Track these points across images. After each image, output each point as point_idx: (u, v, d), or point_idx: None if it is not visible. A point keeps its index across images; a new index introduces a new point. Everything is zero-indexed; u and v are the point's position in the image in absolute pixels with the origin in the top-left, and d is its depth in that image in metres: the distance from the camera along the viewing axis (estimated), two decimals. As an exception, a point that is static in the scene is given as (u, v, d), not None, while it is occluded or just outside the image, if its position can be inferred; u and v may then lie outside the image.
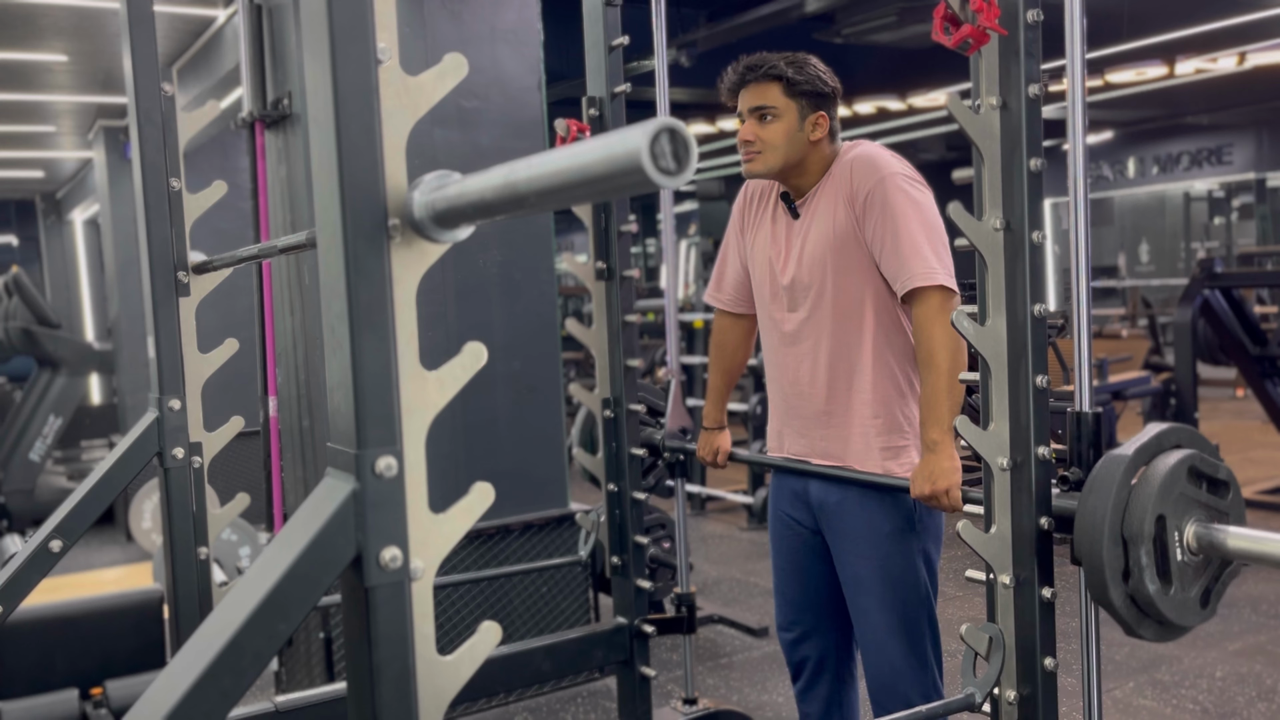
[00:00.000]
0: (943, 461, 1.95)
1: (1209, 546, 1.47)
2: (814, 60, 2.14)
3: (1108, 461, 1.49)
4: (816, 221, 2.14)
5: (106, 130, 7.11)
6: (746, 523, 6.06)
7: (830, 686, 2.33)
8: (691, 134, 0.70)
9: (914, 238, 2.02)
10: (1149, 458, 1.49)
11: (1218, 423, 8.38)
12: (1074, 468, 1.57)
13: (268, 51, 3.62)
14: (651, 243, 19.11)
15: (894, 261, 2.04)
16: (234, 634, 0.93)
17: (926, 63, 8.55)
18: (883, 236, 2.04)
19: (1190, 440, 1.54)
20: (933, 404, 1.99)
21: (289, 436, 3.69)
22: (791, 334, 2.20)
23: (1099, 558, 1.45)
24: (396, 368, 0.97)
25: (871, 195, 2.05)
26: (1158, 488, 1.44)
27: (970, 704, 1.61)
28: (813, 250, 2.14)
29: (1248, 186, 14.67)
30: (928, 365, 2.01)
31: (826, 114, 2.13)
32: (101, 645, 3.12)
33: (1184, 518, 1.48)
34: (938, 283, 2.00)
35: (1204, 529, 1.48)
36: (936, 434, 1.97)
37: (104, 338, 9.45)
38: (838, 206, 2.11)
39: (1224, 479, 1.53)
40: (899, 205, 2.03)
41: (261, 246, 1.86)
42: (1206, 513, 1.50)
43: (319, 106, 0.96)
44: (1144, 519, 1.44)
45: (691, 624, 2.56)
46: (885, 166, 2.07)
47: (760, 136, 2.11)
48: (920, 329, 2.02)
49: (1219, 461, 1.53)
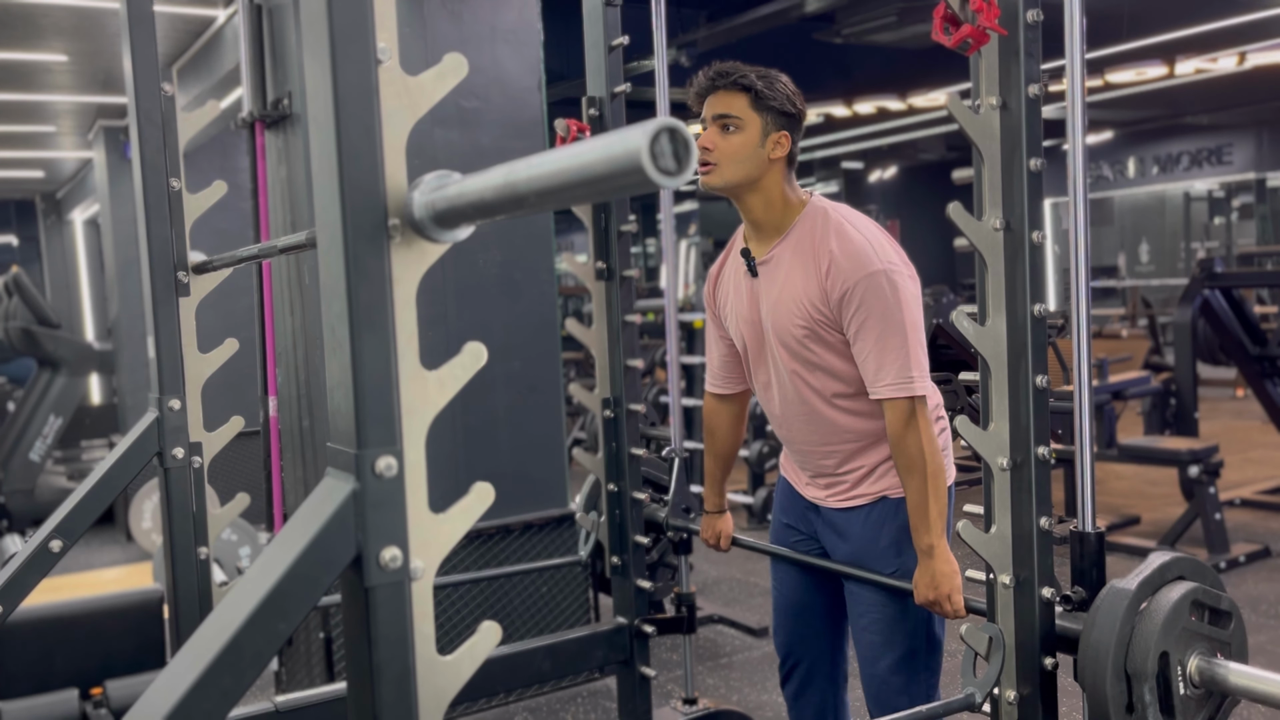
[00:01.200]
0: (941, 566, 1.94)
1: (1210, 682, 1.50)
2: (785, 79, 2.07)
3: (1111, 595, 1.51)
4: (785, 289, 2.06)
5: (106, 130, 7.11)
6: (746, 523, 6.06)
7: (824, 692, 2.33)
8: (691, 134, 0.70)
9: (892, 343, 1.95)
10: (1152, 591, 1.51)
11: (1218, 423, 8.38)
12: (1077, 587, 1.59)
13: (268, 51, 3.62)
14: (651, 243, 19.11)
15: (870, 364, 1.98)
16: (234, 634, 0.93)
17: (926, 63, 8.55)
18: (861, 335, 1.97)
19: (1193, 571, 1.56)
20: (920, 511, 1.96)
21: (289, 436, 3.69)
22: (778, 393, 2.16)
23: (1103, 692, 1.47)
24: (396, 368, 0.97)
25: (853, 291, 1.96)
26: (1161, 624, 1.47)
27: (970, 704, 1.61)
28: (780, 316, 2.07)
29: (1248, 186, 14.66)
30: (908, 473, 1.98)
31: (789, 135, 2.05)
32: (101, 645, 3.12)
33: (1187, 652, 1.50)
34: (907, 395, 1.95)
35: (1206, 664, 1.50)
36: (930, 539, 1.95)
37: (104, 338, 9.45)
38: (809, 281, 2.01)
39: (1226, 610, 1.55)
40: (881, 309, 1.94)
41: (261, 246, 1.86)
42: (1209, 645, 1.53)
43: (319, 106, 0.96)
44: (1147, 656, 1.46)
45: (691, 624, 2.56)
46: (870, 263, 1.95)
47: (719, 147, 2.02)
48: (894, 438, 1.98)
49: (1221, 592, 1.56)
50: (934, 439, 1.98)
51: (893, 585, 2.06)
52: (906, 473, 1.99)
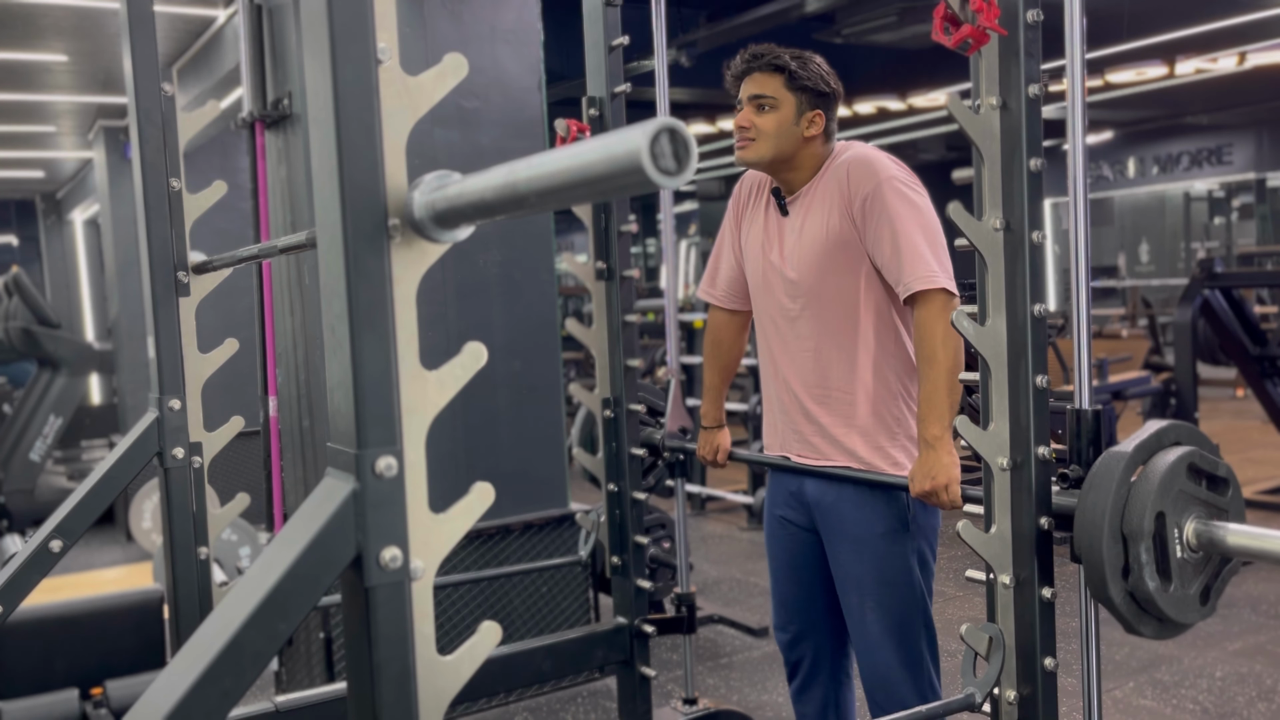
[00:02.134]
0: (942, 457, 1.96)
1: (1208, 543, 1.47)
2: (820, 60, 2.15)
3: (1107, 458, 1.49)
4: (809, 222, 2.14)
5: (106, 130, 7.11)
6: (746, 523, 6.06)
7: (826, 687, 2.34)
8: (691, 134, 0.70)
9: (913, 241, 2.02)
10: (1148, 455, 1.49)
11: (1218, 423, 8.38)
12: (1074, 465, 1.57)
13: (268, 51, 3.62)
14: (651, 243, 19.11)
15: (894, 265, 2.04)
16: (234, 634, 0.93)
17: (926, 63, 8.55)
18: (882, 241, 2.05)
19: (1190, 437, 1.54)
20: (933, 400, 1.99)
21: (289, 436, 3.69)
22: (785, 331, 2.20)
23: (1099, 555, 1.45)
24: (396, 368, 0.97)
25: (869, 200, 2.05)
26: (1157, 485, 1.44)
27: (970, 704, 1.61)
28: (806, 250, 2.14)
29: (1248, 186, 14.67)
30: (929, 362, 2.01)
31: (824, 113, 2.13)
32: (101, 645, 3.12)
33: (1184, 515, 1.47)
34: (939, 285, 2.00)
35: (1204, 526, 1.48)
36: (937, 430, 1.97)
37: (104, 338, 9.45)
38: (832, 209, 2.11)
39: (1223, 476, 1.53)
40: (897, 209, 2.03)
41: (261, 246, 1.86)
42: (1206, 510, 1.50)
43: (319, 106, 0.96)
44: (1144, 516, 1.44)
45: (691, 624, 2.56)
46: (882, 170, 2.06)
47: (756, 124, 2.12)
48: (922, 329, 2.02)
49: (1218, 459, 1.53)
50: (959, 338, 2.00)
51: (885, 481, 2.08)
52: (927, 362, 2.01)
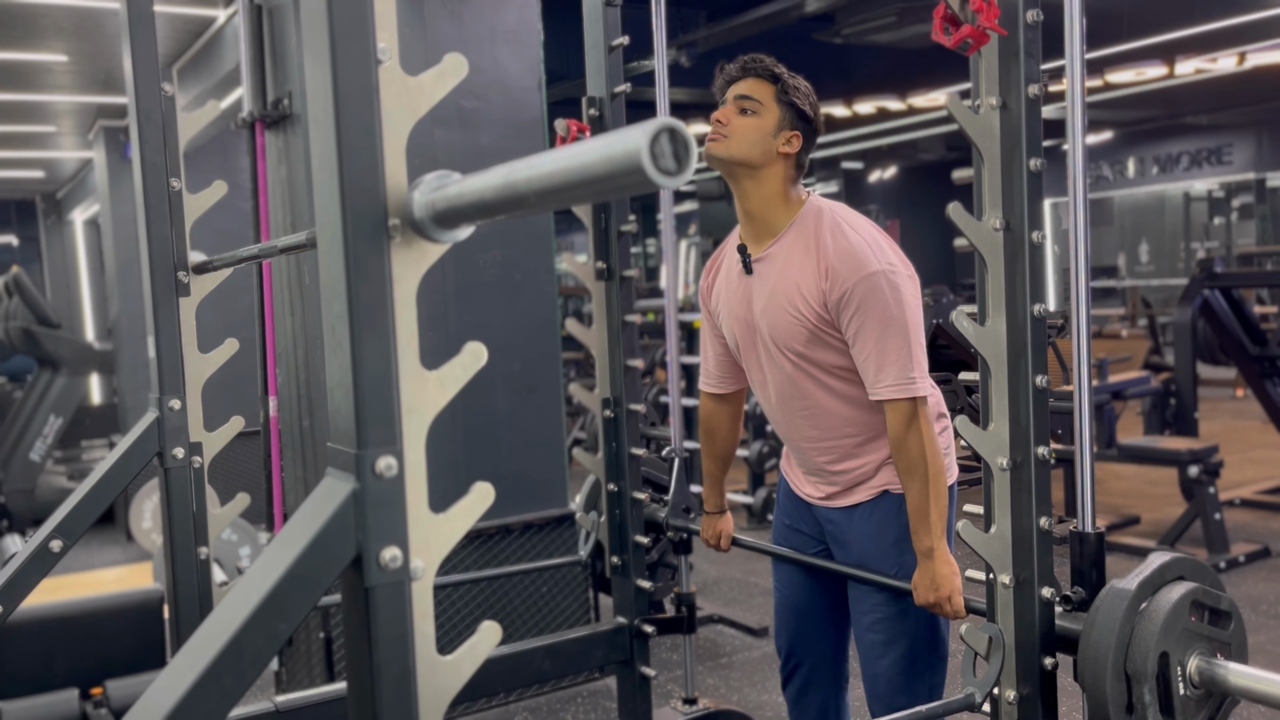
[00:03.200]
0: (941, 568, 1.94)
1: (1210, 682, 1.49)
2: (810, 88, 2.10)
3: (1111, 595, 1.51)
4: (779, 284, 2.05)
5: (106, 130, 7.11)
6: (746, 523, 6.06)
7: (826, 692, 2.33)
8: (691, 134, 0.70)
9: (893, 344, 1.94)
10: (1152, 591, 1.51)
11: (1218, 423, 8.38)
12: (1077, 588, 1.59)
13: (268, 51, 3.62)
14: (651, 243, 19.10)
15: (869, 366, 1.97)
16: (234, 634, 0.93)
17: (926, 63, 8.55)
18: (860, 337, 1.97)
19: (1193, 572, 1.56)
20: (920, 513, 1.96)
21: (289, 436, 3.69)
22: (777, 390, 2.15)
23: (1103, 692, 1.47)
24: (396, 368, 0.97)
25: (852, 293, 1.95)
26: (1160, 625, 1.47)
27: (970, 704, 1.61)
28: (774, 314, 2.06)
29: (1248, 186, 14.67)
30: (909, 475, 1.98)
31: (801, 137, 2.07)
32: (101, 645, 3.12)
33: (1187, 652, 1.50)
34: (907, 396, 1.95)
35: (1206, 665, 1.50)
36: (930, 541, 1.95)
37: (104, 338, 9.45)
38: (806, 282, 2.01)
39: (1226, 609, 1.55)
40: (881, 310, 1.94)
41: (261, 246, 1.86)
42: (1209, 645, 1.52)
43: (319, 106, 0.96)
44: (1147, 657, 1.46)
45: (691, 624, 2.55)
46: (868, 264, 1.95)
47: (734, 122, 2.05)
48: (895, 440, 1.98)
49: (1221, 593, 1.56)
50: (935, 440, 1.98)
51: (895, 585, 2.05)
52: (907, 475, 1.98)
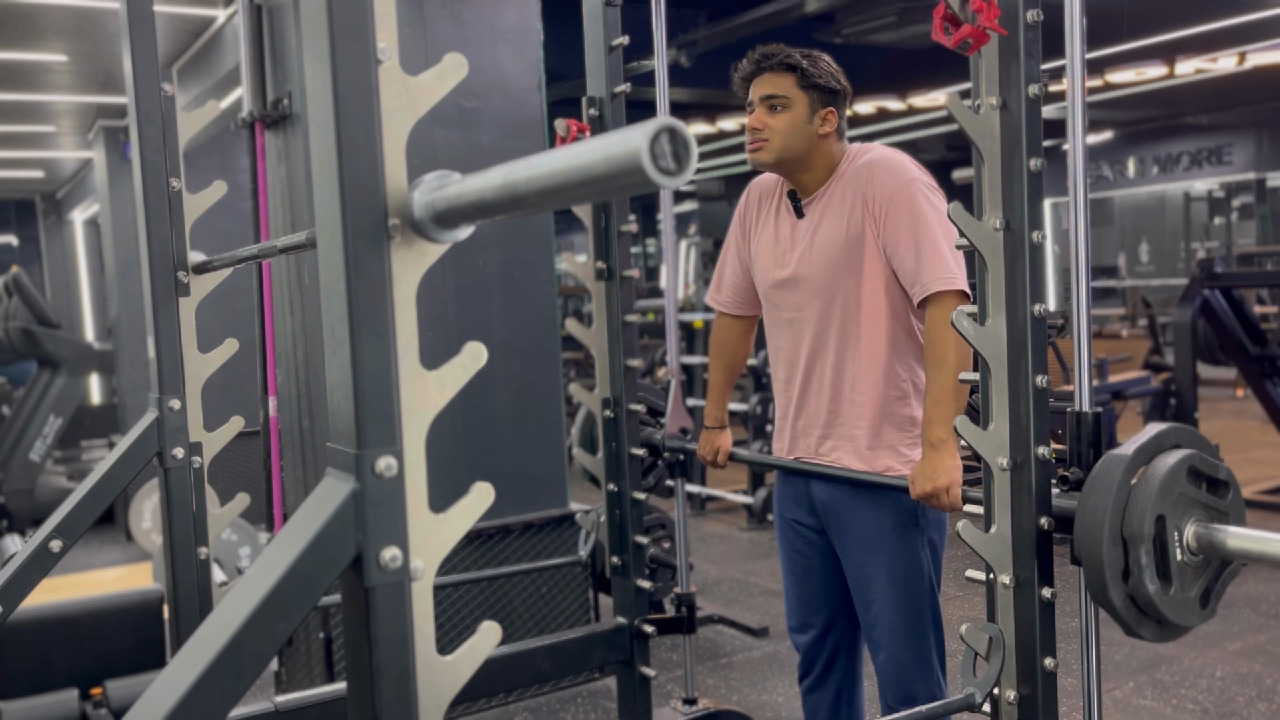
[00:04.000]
0: (944, 459, 1.96)
1: (1209, 546, 1.47)
2: (828, 58, 2.14)
3: (1107, 461, 1.49)
4: (826, 221, 2.13)
5: (106, 130, 7.11)
6: (746, 523, 6.06)
7: (840, 685, 2.34)
8: (691, 134, 0.70)
9: (935, 243, 2.02)
10: (1149, 457, 1.49)
11: (1218, 423, 8.38)
12: (1074, 468, 1.57)
13: (268, 51, 3.62)
14: (651, 243, 19.11)
15: (913, 265, 2.04)
16: (234, 634, 0.93)
17: (926, 63, 8.55)
18: (902, 239, 2.04)
19: (1190, 440, 1.54)
20: (941, 402, 1.99)
21: (289, 436, 3.69)
22: (799, 334, 2.20)
23: (1099, 558, 1.45)
24: (396, 368, 0.97)
25: (894, 198, 2.05)
26: (1157, 488, 1.44)
27: (970, 704, 1.61)
28: (822, 250, 2.13)
29: (1248, 186, 14.66)
30: (939, 364, 2.00)
31: (835, 111, 2.13)
32: (101, 645, 3.12)
33: (1184, 518, 1.47)
34: (957, 288, 2.01)
35: (1204, 529, 1.48)
36: (942, 432, 1.97)
37: (104, 338, 9.45)
38: (852, 208, 2.10)
39: (1224, 479, 1.53)
40: (922, 210, 2.03)
41: (261, 246, 1.86)
42: (1206, 512, 1.50)
43: (319, 106, 0.96)
44: (1144, 519, 1.43)
45: (691, 624, 2.56)
46: (908, 172, 2.07)
47: (769, 124, 2.10)
48: (936, 330, 2.01)
49: (1219, 461, 1.53)
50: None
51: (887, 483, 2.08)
52: (937, 364, 2.01)
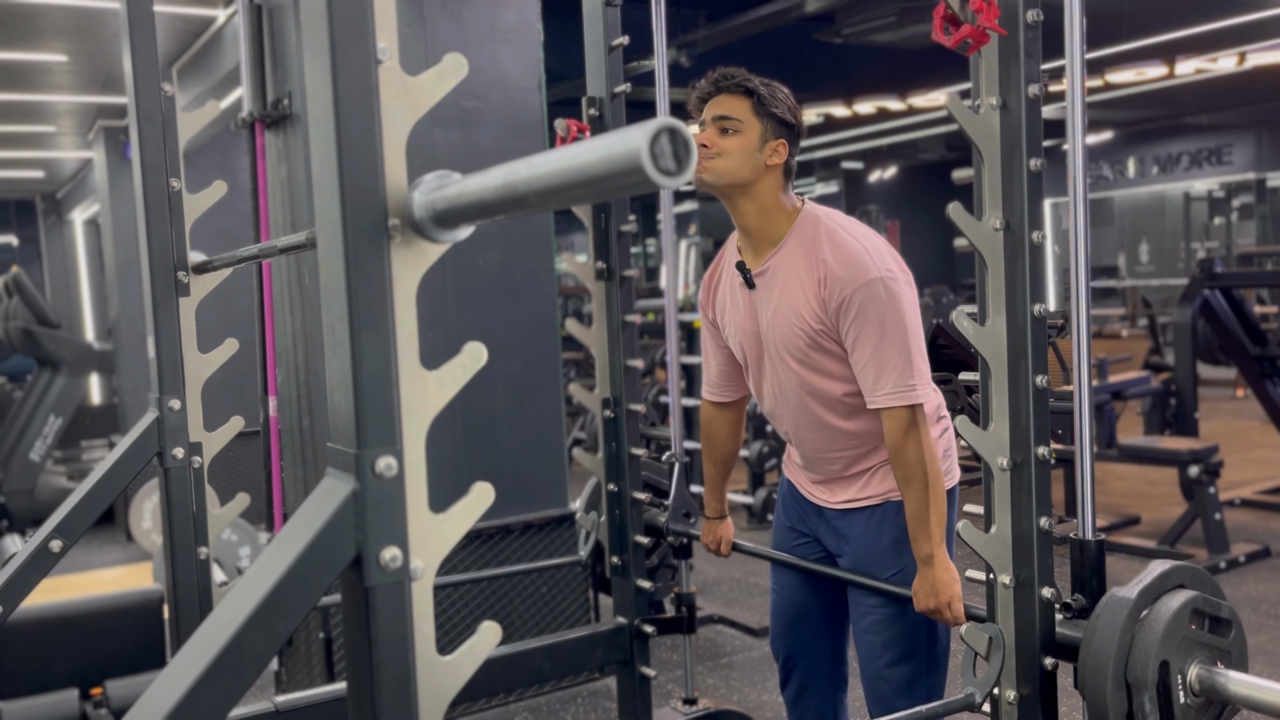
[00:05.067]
0: (940, 574, 1.94)
1: (1211, 690, 1.50)
2: (786, 91, 2.08)
3: (1111, 604, 1.51)
4: (783, 297, 2.05)
5: (106, 130, 7.11)
6: (746, 523, 6.06)
7: (824, 694, 2.33)
8: (691, 134, 0.70)
9: (890, 351, 1.94)
10: (1152, 600, 1.51)
11: (1218, 423, 8.38)
12: (1077, 595, 1.60)
13: (268, 51, 3.62)
14: (651, 243, 19.10)
15: (868, 373, 1.97)
16: (234, 634, 0.93)
17: (926, 63, 8.55)
18: (858, 346, 1.97)
19: (1193, 580, 1.56)
20: (919, 520, 1.96)
21: (289, 436, 3.69)
22: (784, 400, 2.16)
23: (1103, 702, 1.48)
24: (396, 368, 0.97)
25: (850, 300, 1.95)
26: (1161, 634, 1.47)
27: (970, 704, 1.61)
28: (783, 328, 2.06)
29: (1248, 186, 14.67)
30: (907, 483, 1.97)
31: (787, 144, 2.05)
32: (101, 645, 3.12)
33: (1187, 660, 1.50)
34: (907, 404, 1.95)
35: (1207, 673, 1.50)
36: (929, 548, 1.95)
37: (104, 338, 9.45)
38: (806, 291, 2.01)
39: (1226, 618, 1.55)
40: (879, 317, 1.94)
41: (261, 246, 1.86)
42: (1209, 653, 1.53)
43: (319, 106, 0.96)
44: (1148, 665, 1.46)
45: (691, 624, 2.55)
46: (867, 270, 1.94)
47: (718, 144, 2.02)
48: (893, 447, 1.98)
49: (1221, 600, 1.56)
50: (933, 447, 1.98)
51: (894, 591, 2.05)
52: (905, 482, 1.98)
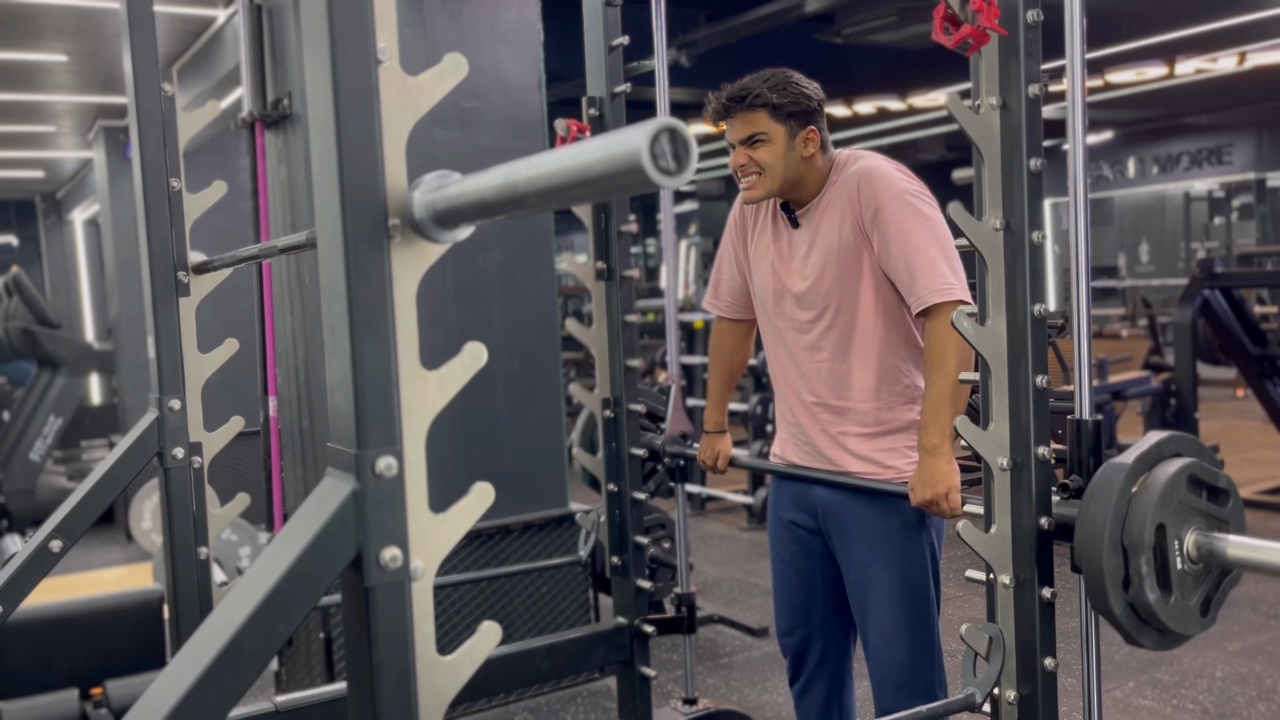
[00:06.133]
0: (941, 465, 1.96)
1: (1209, 555, 1.48)
2: (794, 76, 2.12)
3: (1107, 470, 1.49)
4: (821, 234, 2.13)
5: (106, 130, 7.11)
6: (746, 523, 6.06)
7: (830, 688, 2.34)
8: (691, 134, 0.70)
9: (928, 254, 2.01)
10: (1149, 466, 1.50)
11: (1218, 423, 8.38)
12: (1074, 475, 1.58)
13: (268, 51, 3.61)
14: (651, 243, 19.11)
15: (908, 279, 2.03)
16: (234, 634, 0.93)
17: (926, 63, 8.55)
18: (893, 254, 2.04)
19: (1190, 448, 1.54)
20: (938, 407, 1.98)
21: (289, 436, 3.69)
22: (798, 344, 2.19)
23: (1099, 566, 1.45)
24: (396, 368, 0.97)
25: (880, 213, 2.04)
26: (1158, 497, 1.45)
27: (970, 704, 1.61)
28: (818, 262, 2.13)
29: (1248, 186, 14.67)
30: (938, 369, 2.00)
31: (816, 128, 2.11)
32: (101, 645, 3.12)
33: (1184, 526, 1.48)
34: (953, 298, 1.99)
35: (1204, 537, 1.48)
36: (937, 438, 1.96)
37: (104, 338, 9.45)
38: (844, 221, 2.10)
39: (1224, 487, 1.54)
40: (909, 222, 2.02)
41: (261, 246, 1.86)
42: (1206, 521, 1.51)
43: (319, 106, 0.96)
44: (1144, 528, 1.44)
45: (691, 624, 2.56)
46: (893, 184, 2.05)
47: (754, 159, 2.10)
48: (935, 337, 2.01)
49: (1219, 469, 1.54)
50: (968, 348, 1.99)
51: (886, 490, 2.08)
52: (936, 369, 2.01)
